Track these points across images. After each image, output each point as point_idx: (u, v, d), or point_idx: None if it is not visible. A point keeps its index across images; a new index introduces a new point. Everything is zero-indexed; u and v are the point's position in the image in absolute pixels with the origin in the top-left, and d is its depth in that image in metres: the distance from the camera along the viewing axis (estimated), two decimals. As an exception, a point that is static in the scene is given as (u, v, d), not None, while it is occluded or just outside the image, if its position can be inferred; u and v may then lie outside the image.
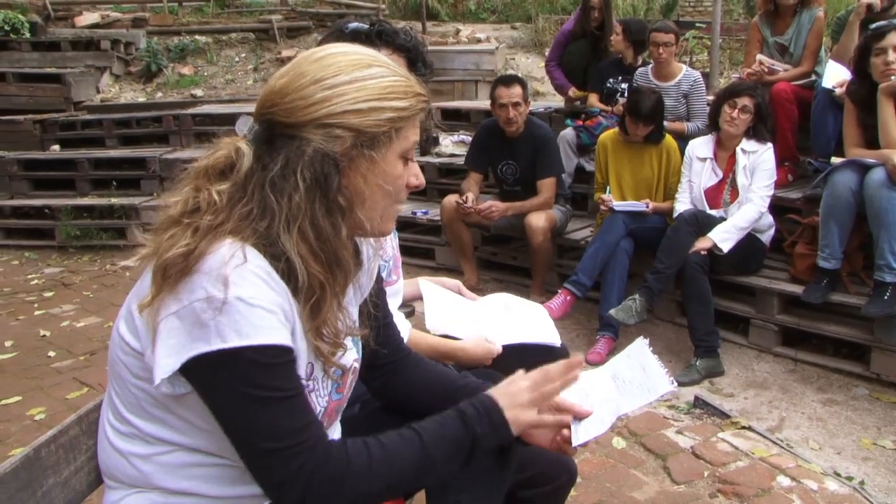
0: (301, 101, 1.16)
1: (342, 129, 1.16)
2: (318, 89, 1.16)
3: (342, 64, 1.19)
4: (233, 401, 1.11)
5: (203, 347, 1.08)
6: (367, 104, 1.17)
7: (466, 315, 2.06)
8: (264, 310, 1.10)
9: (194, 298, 1.08)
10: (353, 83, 1.18)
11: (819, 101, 4.21)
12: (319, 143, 1.15)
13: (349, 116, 1.17)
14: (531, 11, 10.13)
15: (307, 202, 1.15)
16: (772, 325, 3.87)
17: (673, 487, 2.66)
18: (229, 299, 1.07)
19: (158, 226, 1.18)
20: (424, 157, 6.04)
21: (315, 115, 1.16)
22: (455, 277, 2.73)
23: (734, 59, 8.07)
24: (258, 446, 1.12)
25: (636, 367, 1.52)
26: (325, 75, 1.17)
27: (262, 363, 1.10)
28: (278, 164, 1.15)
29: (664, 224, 4.16)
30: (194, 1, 11.30)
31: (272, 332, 1.11)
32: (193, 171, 1.20)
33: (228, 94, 8.53)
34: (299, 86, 1.17)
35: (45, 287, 5.27)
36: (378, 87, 1.19)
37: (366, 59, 1.22)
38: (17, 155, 6.83)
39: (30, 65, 8.32)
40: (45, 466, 1.27)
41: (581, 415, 1.42)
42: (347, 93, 1.17)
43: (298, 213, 1.14)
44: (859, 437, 3.15)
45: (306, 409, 1.16)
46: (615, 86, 5.29)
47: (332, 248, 1.17)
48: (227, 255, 1.09)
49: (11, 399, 3.51)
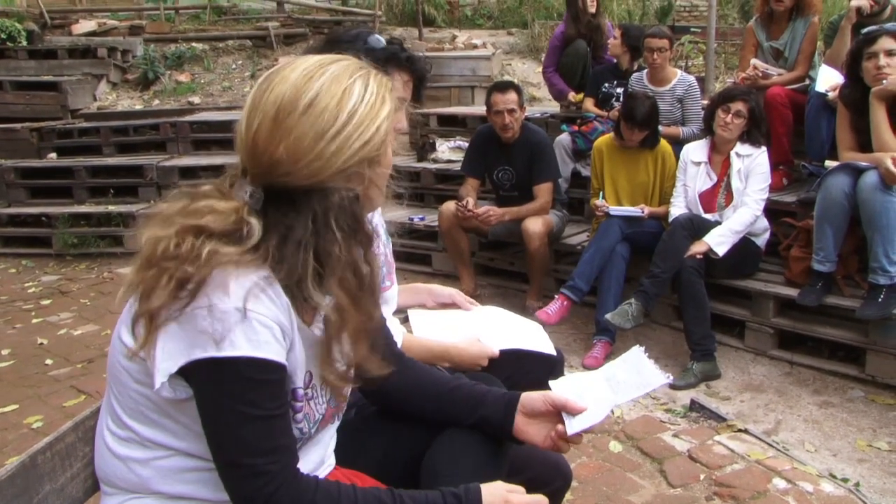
0: (317, 162, 1.13)
1: (359, 164, 1.16)
2: (327, 143, 1.13)
3: (331, 105, 1.14)
4: (216, 409, 1.13)
5: (199, 354, 1.09)
6: (369, 130, 1.16)
7: (460, 324, 2.06)
8: (261, 324, 1.11)
9: (196, 305, 1.09)
10: (353, 118, 1.15)
11: (812, 105, 4.23)
12: (343, 187, 1.14)
13: (361, 151, 1.16)
14: (527, 17, 10.16)
15: (346, 250, 1.14)
16: (767, 328, 3.89)
17: (669, 491, 2.67)
18: (229, 309, 1.09)
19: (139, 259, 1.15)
20: (421, 163, 6.06)
21: (335, 167, 1.14)
22: (452, 283, 2.74)
23: (729, 63, 8.10)
24: (229, 457, 1.14)
25: (632, 370, 1.53)
26: (326, 125, 1.13)
27: (250, 377, 1.11)
28: (308, 225, 1.13)
29: (660, 228, 4.17)
30: (191, 8, 11.33)
31: (266, 346, 1.12)
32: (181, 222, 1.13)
33: (225, 101, 8.55)
34: (307, 148, 1.12)
35: (43, 295, 5.27)
36: (369, 106, 1.17)
37: (341, 80, 1.16)
38: (14, 163, 6.83)
39: (27, 73, 8.33)
40: (41, 474, 1.27)
41: (575, 410, 1.44)
42: (353, 132, 1.15)
43: (339, 265, 1.13)
44: (855, 439, 3.16)
45: (283, 432, 1.17)
46: (611, 90, 5.31)
47: (371, 287, 1.17)
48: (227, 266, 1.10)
49: (8, 407, 3.51)
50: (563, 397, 1.45)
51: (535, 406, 1.47)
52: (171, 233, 1.12)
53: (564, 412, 1.45)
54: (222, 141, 7.03)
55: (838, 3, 8.19)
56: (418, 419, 1.52)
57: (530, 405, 1.47)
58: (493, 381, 1.62)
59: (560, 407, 1.45)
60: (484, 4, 11.76)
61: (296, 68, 1.17)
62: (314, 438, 1.33)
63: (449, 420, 1.49)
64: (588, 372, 1.63)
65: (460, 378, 1.56)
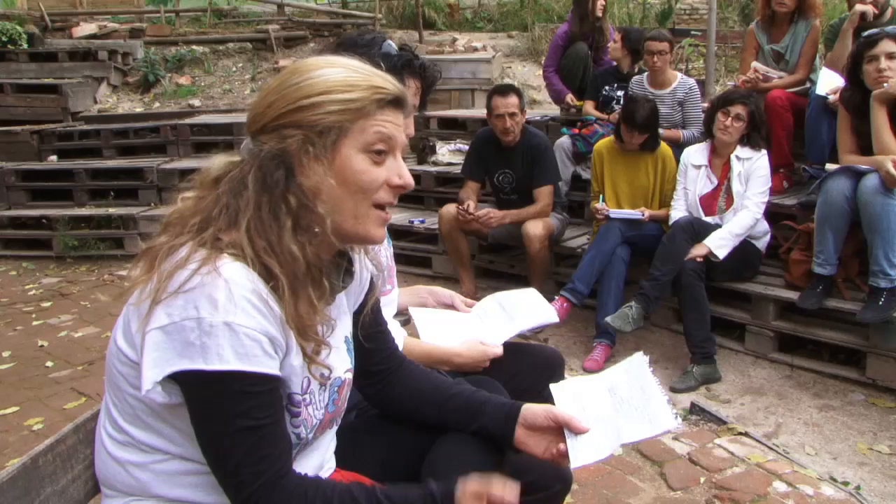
0: (258, 108, 1.23)
1: (290, 127, 1.19)
2: (271, 95, 1.21)
3: (301, 70, 1.23)
4: (206, 419, 1.14)
5: (186, 365, 1.10)
6: (309, 100, 1.19)
7: (460, 326, 2.07)
8: (249, 338, 1.11)
9: (185, 316, 1.09)
10: (300, 84, 1.21)
11: (813, 108, 4.23)
12: (272, 145, 1.19)
13: (293, 115, 1.19)
14: (527, 20, 10.17)
15: (254, 202, 1.17)
16: (768, 331, 3.88)
17: (670, 494, 2.67)
18: (216, 323, 1.09)
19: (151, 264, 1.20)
20: (421, 166, 6.06)
21: (267, 120, 1.21)
22: (452, 286, 2.75)
23: (730, 66, 8.10)
24: (220, 465, 1.15)
25: (635, 385, 1.50)
26: (281, 83, 1.22)
27: (238, 390, 1.12)
28: (237, 170, 1.21)
29: (660, 231, 4.17)
30: (191, 11, 11.36)
31: (253, 360, 1.12)
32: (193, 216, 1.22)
33: (226, 103, 8.56)
34: (261, 97, 1.24)
35: (43, 297, 5.28)
36: (324, 84, 1.21)
37: (322, 63, 1.25)
38: (14, 165, 6.83)
39: (27, 75, 8.35)
40: (42, 475, 1.28)
41: (578, 430, 1.41)
42: (291, 93, 1.20)
43: (247, 212, 1.17)
44: (855, 442, 3.16)
45: (273, 441, 1.17)
46: (611, 93, 5.31)
47: (281, 245, 1.17)
48: (222, 277, 1.11)
49: (9, 409, 3.51)
50: (567, 415, 1.42)
51: (536, 420, 1.45)
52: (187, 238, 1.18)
53: (567, 429, 1.42)
54: (222, 144, 7.03)
55: (838, 6, 8.20)
56: (418, 423, 1.52)
57: (532, 419, 1.45)
58: (494, 385, 1.62)
59: (563, 424, 1.42)
60: (484, 7, 11.77)
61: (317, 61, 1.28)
62: (312, 444, 1.33)
63: (448, 427, 1.49)
64: (589, 377, 1.61)
65: (460, 384, 1.55)
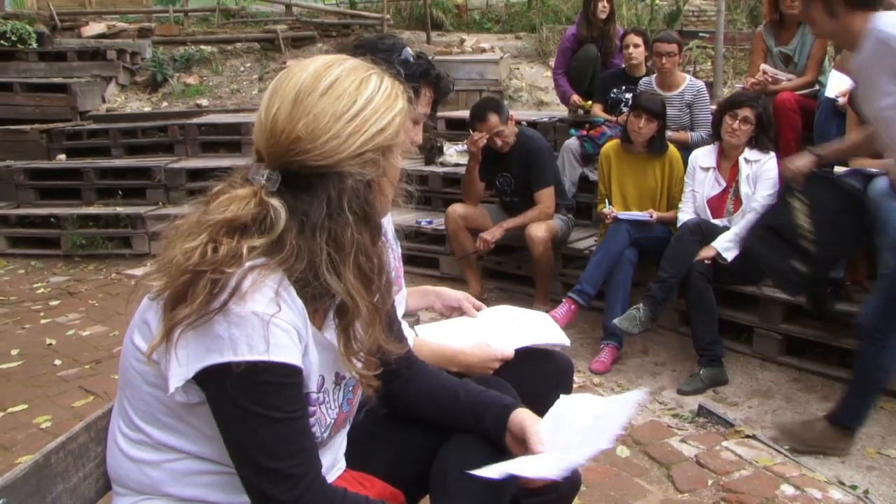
0: (335, 140, 1.14)
1: (373, 151, 1.18)
2: (345, 124, 1.15)
3: (350, 89, 1.17)
4: (235, 414, 1.12)
5: (216, 359, 1.09)
6: (385, 118, 1.19)
7: (469, 330, 2.06)
8: (279, 328, 1.11)
9: (211, 309, 1.09)
10: (370, 104, 1.18)
11: (822, 110, 4.22)
12: (357, 172, 1.16)
13: (377, 137, 1.18)
14: (535, 21, 10.16)
15: (358, 234, 1.15)
16: (775, 334, 3.87)
17: (677, 496, 2.66)
18: (245, 313, 1.09)
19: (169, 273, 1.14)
20: (429, 167, 6.07)
21: (352, 149, 1.15)
22: (459, 287, 2.74)
23: (738, 68, 8.08)
24: (252, 462, 1.13)
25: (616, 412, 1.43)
26: (345, 107, 1.16)
27: (269, 381, 1.11)
28: (323, 208, 1.14)
29: (668, 233, 4.17)
30: (200, 11, 11.38)
31: (284, 350, 1.12)
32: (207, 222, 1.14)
33: (234, 103, 8.58)
34: (325, 126, 1.14)
35: (51, 296, 5.29)
36: (385, 96, 1.20)
37: (358, 71, 1.21)
38: (23, 164, 6.86)
39: (36, 75, 8.37)
40: (54, 473, 1.28)
41: (529, 449, 1.38)
42: (370, 116, 1.17)
43: (352, 249, 1.14)
44: (864, 446, 3.15)
45: (305, 434, 1.17)
46: (619, 96, 5.30)
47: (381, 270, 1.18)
48: (247, 272, 1.10)
49: (18, 407, 3.52)
50: (532, 430, 1.39)
51: (514, 429, 1.43)
52: (204, 239, 1.12)
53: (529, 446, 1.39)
54: (230, 143, 7.06)
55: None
56: (428, 424, 1.52)
57: (513, 427, 1.43)
58: (503, 385, 1.61)
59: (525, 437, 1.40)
60: (492, 8, 11.75)
61: (314, 61, 1.22)
62: (326, 444, 1.33)
63: (456, 428, 1.49)
64: (597, 399, 1.56)
65: (467, 385, 1.55)
